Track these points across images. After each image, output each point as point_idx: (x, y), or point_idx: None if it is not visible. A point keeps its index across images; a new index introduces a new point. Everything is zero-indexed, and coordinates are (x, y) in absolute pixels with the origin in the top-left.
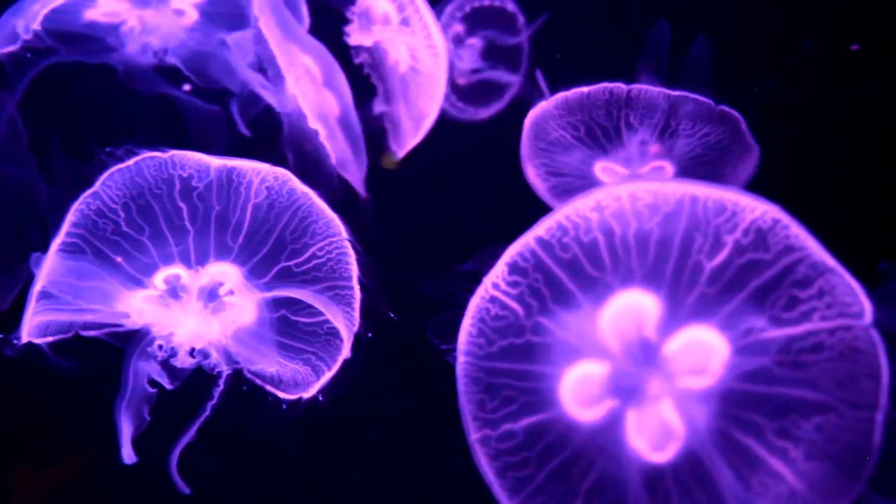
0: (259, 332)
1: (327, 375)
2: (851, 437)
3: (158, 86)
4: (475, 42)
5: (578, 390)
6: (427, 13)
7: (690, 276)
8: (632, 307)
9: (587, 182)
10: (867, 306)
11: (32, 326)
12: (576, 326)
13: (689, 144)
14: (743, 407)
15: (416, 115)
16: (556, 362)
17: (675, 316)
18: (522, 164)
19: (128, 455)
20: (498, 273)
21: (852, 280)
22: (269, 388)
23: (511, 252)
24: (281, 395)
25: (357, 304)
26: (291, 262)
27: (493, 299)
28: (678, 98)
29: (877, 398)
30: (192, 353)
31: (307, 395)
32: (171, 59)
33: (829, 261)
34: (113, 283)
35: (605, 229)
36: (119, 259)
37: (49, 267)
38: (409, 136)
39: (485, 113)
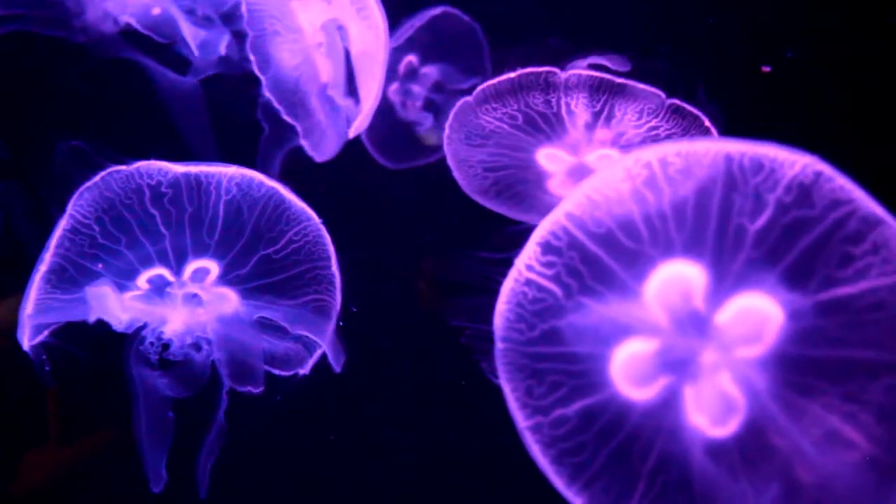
0: (244, 318)
1: (320, 351)
2: None
3: (125, 53)
4: (429, 70)
5: (629, 369)
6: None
7: (734, 240)
8: (676, 278)
9: (532, 172)
10: None
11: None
12: (619, 303)
13: (637, 136)
14: (804, 373)
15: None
16: (603, 342)
17: (723, 283)
18: (453, 170)
19: (156, 482)
20: (530, 254)
21: None
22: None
23: (542, 231)
24: (276, 372)
25: (338, 283)
26: (270, 250)
27: (528, 282)
28: (619, 86)
29: None
30: (183, 345)
31: (303, 371)
32: (135, 24)
33: (880, 212)
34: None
35: (639, 199)
36: (100, 266)
37: (34, 293)
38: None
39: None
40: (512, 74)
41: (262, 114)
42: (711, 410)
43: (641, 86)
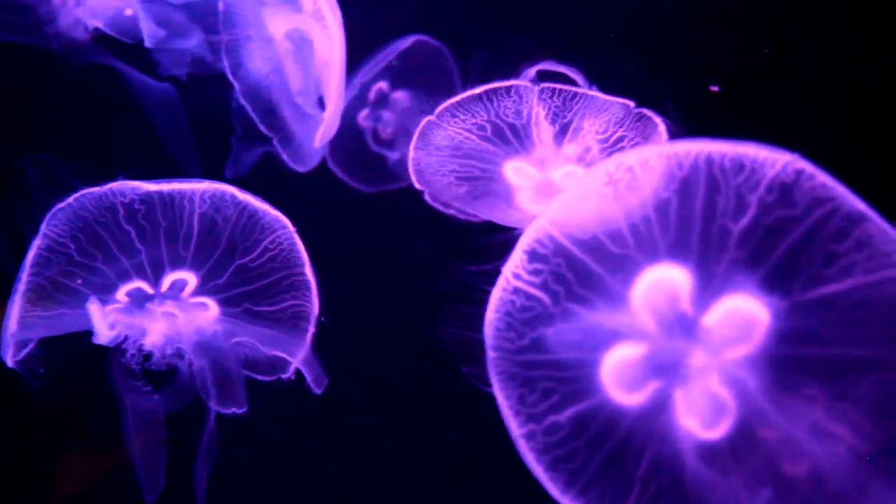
0: (224, 324)
1: (300, 356)
2: None
3: (100, 59)
4: (400, 95)
5: (619, 374)
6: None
7: (718, 242)
8: (662, 282)
9: (500, 185)
10: None
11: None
12: (607, 308)
13: (603, 151)
14: (793, 372)
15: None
16: (592, 348)
17: (709, 285)
18: (418, 182)
19: (150, 489)
20: (517, 263)
21: (889, 227)
22: (245, 372)
23: (527, 239)
24: (259, 377)
25: (313, 289)
26: (246, 259)
27: (516, 290)
28: (587, 97)
29: None
30: (164, 355)
31: (285, 375)
32: (104, 29)
33: (862, 208)
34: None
35: (623, 204)
36: (79, 281)
37: (16, 312)
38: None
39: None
40: (478, 89)
41: (235, 120)
42: (702, 413)
43: (608, 97)
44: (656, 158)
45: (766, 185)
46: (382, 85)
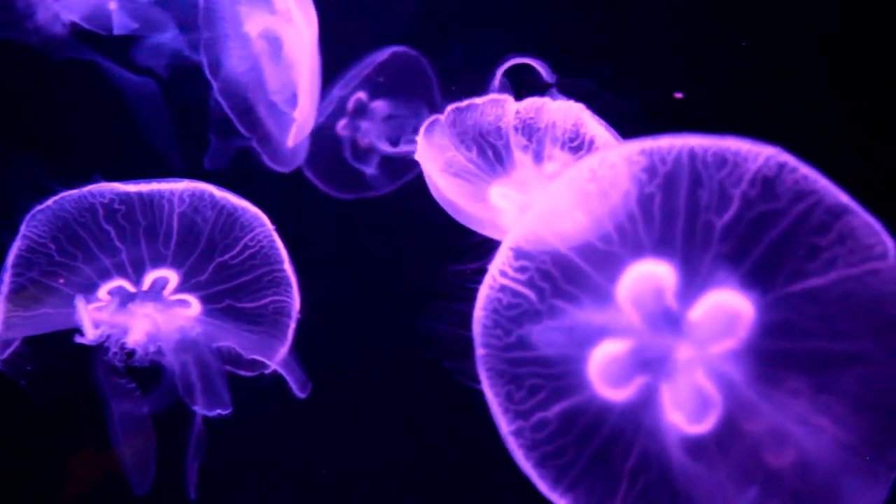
0: (206, 321)
1: (282, 351)
2: None
3: (80, 54)
4: (379, 105)
5: (606, 370)
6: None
7: (702, 236)
8: (648, 277)
9: (486, 208)
10: (889, 245)
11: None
12: (593, 305)
13: (578, 157)
14: (778, 366)
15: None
16: (579, 344)
17: (694, 280)
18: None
19: (139, 485)
20: (503, 260)
21: (870, 218)
22: (229, 368)
23: (512, 237)
24: (241, 373)
25: (294, 284)
26: (226, 256)
27: (502, 288)
28: (554, 110)
29: None
30: (147, 352)
31: (267, 371)
32: (81, 23)
33: (844, 200)
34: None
35: (606, 200)
36: (61, 281)
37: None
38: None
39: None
40: (477, 100)
41: (213, 117)
42: (688, 407)
43: (570, 102)
44: (639, 154)
45: (748, 179)
46: (361, 95)
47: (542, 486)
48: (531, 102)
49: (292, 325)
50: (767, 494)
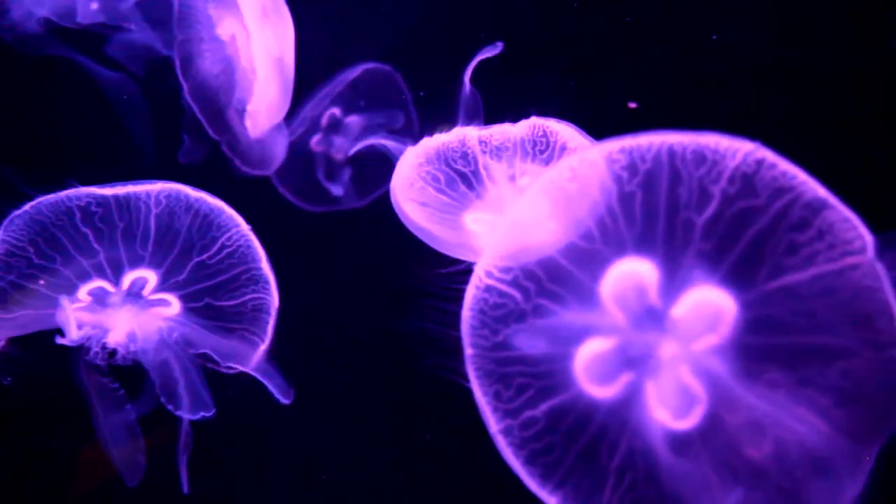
0: (186, 321)
1: (262, 347)
2: (880, 379)
3: (56, 51)
4: (353, 120)
5: (591, 368)
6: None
7: (683, 234)
8: (630, 275)
9: (461, 234)
10: (868, 239)
11: None
12: (577, 303)
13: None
14: (761, 361)
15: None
16: (564, 342)
17: (676, 277)
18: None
19: (131, 478)
20: (488, 260)
21: (849, 212)
22: (210, 365)
23: (497, 237)
24: (222, 369)
25: (272, 282)
26: (204, 256)
27: (488, 288)
28: (523, 126)
29: (894, 334)
30: (128, 351)
31: (248, 367)
32: (53, 19)
33: (823, 195)
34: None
35: (588, 199)
36: (41, 282)
37: None
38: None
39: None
40: (440, 136)
41: (186, 118)
42: (673, 404)
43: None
44: (619, 152)
45: (727, 176)
46: (335, 111)
47: (531, 484)
48: (496, 127)
49: (271, 322)
50: (753, 488)
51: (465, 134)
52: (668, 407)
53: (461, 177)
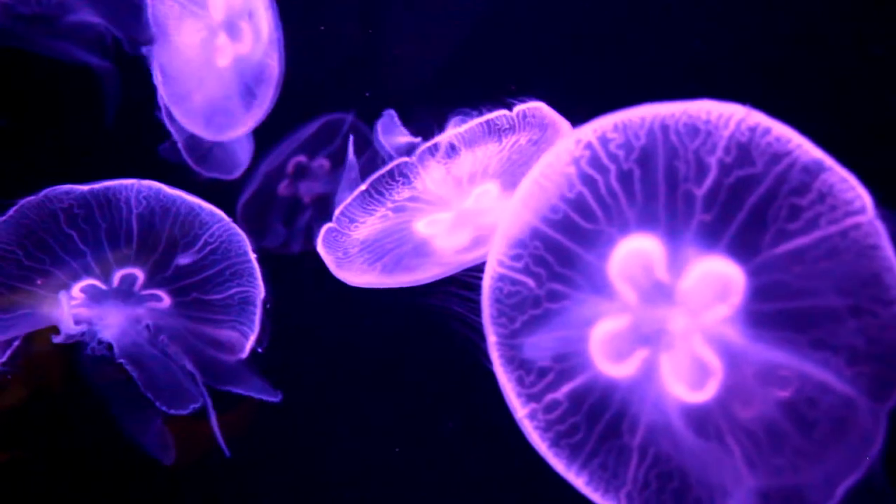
0: (177, 314)
1: (253, 337)
2: (892, 334)
3: (15, 42)
4: (322, 163)
5: (607, 347)
6: None
7: (684, 207)
8: (636, 253)
9: (414, 242)
10: (867, 198)
11: None
12: (587, 284)
13: (503, 158)
14: (773, 326)
15: None
16: (579, 324)
17: (681, 251)
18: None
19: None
20: (499, 250)
21: (846, 173)
22: (210, 352)
23: (504, 226)
24: (221, 357)
25: (258, 274)
26: (189, 253)
27: (501, 277)
28: (467, 133)
29: None
30: (124, 346)
31: (242, 356)
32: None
33: (819, 157)
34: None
35: (587, 180)
36: (39, 282)
37: None
38: None
39: None
40: (363, 186)
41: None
42: (688, 376)
43: (484, 118)
44: (613, 131)
45: (723, 146)
46: (301, 158)
47: (558, 466)
48: (435, 143)
49: (258, 314)
50: (773, 453)
51: (404, 164)
52: (684, 380)
53: (411, 200)
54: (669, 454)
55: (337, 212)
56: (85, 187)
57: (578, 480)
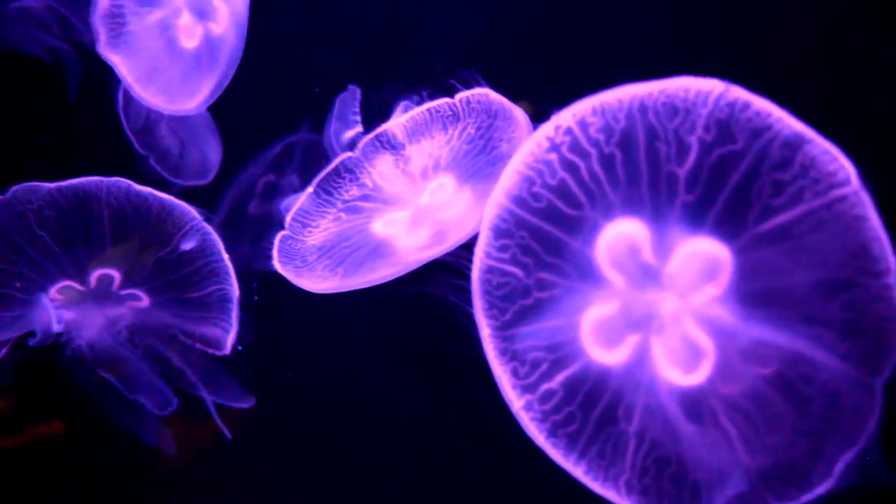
0: (157, 312)
1: (233, 332)
2: (882, 307)
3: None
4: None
5: (598, 334)
6: None
7: (667, 188)
8: (621, 237)
9: (373, 243)
10: (851, 169)
11: None
12: (575, 272)
13: (455, 148)
14: (763, 305)
15: None
16: (569, 312)
17: (666, 233)
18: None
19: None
20: (485, 241)
21: (828, 144)
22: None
23: (490, 217)
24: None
25: (231, 272)
26: (162, 252)
27: (490, 269)
28: (412, 123)
29: (889, 262)
30: (105, 345)
31: (225, 352)
32: None
33: (800, 129)
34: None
35: (569, 166)
36: (18, 285)
37: None
38: None
39: None
40: (309, 188)
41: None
42: (681, 359)
43: (425, 106)
44: (591, 115)
45: (702, 125)
46: (270, 178)
47: (557, 456)
48: (377, 135)
49: (235, 311)
50: (769, 432)
51: (349, 160)
52: (677, 363)
53: (363, 199)
54: (666, 439)
55: (288, 218)
56: (52, 185)
57: (577, 469)
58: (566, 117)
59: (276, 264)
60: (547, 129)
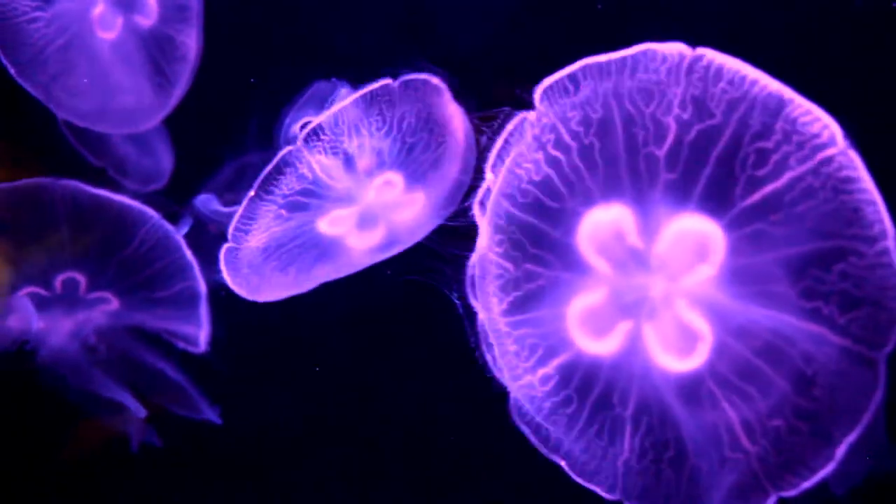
0: (128, 313)
1: (205, 329)
2: (880, 273)
3: None
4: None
5: (588, 322)
6: None
7: (647, 170)
8: (605, 223)
9: (323, 244)
10: (835, 128)
11: None
12: (558, 262)
13: (394, 142)
14: (758, 281)
15: None
16: (557, 302)
17: (651, 214)
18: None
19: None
20: (486, 237)
21: (809, 104)
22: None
23: (489, 214)
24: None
25: (196, 268)
26: (126, 252)
27: (486, 262)
28: (350, 111)
29: (884, 224)
30: (74, 348)
31: (200, 348)
32: None
33: (777, 91)
34: None
35: (552, 162)
36: None
37: None
38: None
39: None
40: (251, 192)
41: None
42: (675, 344)
43: (358, 93)
44: (571, 110)
45: (678, 103)
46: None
47: (557, 433)
48: (316, 126)
49: (203, 308)
50: (771, 415)
51: (289, 154)
52: (672, 348)
53: (305, 194)
54: (662, 424)
55: (231, 228)
56: (3, 186)
57: (576, 447)
58: (550, 115)
59: (226, 277)
60: (533, 128)
